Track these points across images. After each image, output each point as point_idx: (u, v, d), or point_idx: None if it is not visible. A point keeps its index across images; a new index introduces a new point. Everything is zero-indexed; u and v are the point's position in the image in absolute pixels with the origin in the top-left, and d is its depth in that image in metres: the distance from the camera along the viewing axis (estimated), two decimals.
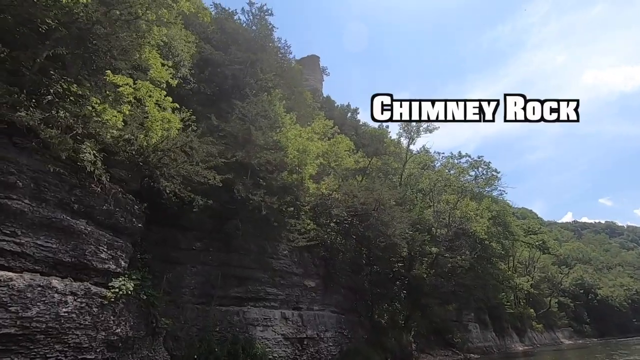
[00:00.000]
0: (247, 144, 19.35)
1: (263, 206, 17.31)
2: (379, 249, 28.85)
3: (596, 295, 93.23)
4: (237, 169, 18.26)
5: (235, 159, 17.22)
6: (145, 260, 14.28)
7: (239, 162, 17.96)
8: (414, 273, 28.80)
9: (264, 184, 19.02)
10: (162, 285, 14.69)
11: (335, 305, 24.33)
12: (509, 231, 40.59)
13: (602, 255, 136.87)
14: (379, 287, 32.87)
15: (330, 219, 23.90)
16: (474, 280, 35.54)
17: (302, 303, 21.35)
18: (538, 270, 65.53)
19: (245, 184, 17.50)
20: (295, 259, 21.40)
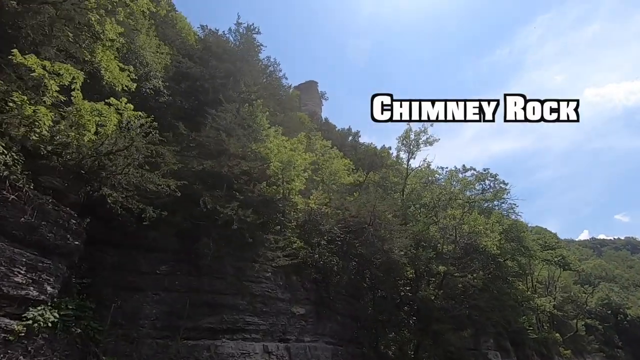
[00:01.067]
0: (221, 154, 17.48)
1: (235, 220, 15.11)
2: (379, 270, 26.06)
3: (626, 315, 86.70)
4: (208, 180, 16.27)
5: (203, 168, 15.27)
6: (86, 285, 12.00)
7: (209, 172, 15.99)
8: (420, 295, 25.76)
9: (240, 197, 16.92)
10: (109, 316, 12.32)
11: (331, 335, 21.39)
12: (523, 246, 37.36)
13: (626, 272, 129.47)
14: (384, 314, 29.73)
15: (321, 237, 21.48)
16: (490, 302, 32.13)
17: (289, 334, 18.57)
18: (560, 290, 60.83)
19: (215, 195, 15.42)
20: (281, 282, 18.85)
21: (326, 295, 21.10)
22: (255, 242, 16.18)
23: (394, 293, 30.15)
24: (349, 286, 26.35)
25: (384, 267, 28.12)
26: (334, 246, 23.21)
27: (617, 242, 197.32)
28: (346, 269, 26.34)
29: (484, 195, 42.81)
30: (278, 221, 19.25)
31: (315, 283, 21.12)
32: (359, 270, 28.37)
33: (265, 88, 29.18)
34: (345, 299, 25.14)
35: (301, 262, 20.84)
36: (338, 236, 21.96)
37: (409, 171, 39.64)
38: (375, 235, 21.89)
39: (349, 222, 22.03)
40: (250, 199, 17.46)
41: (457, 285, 28.47)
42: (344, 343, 22.53)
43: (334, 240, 22.34)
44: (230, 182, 16.65)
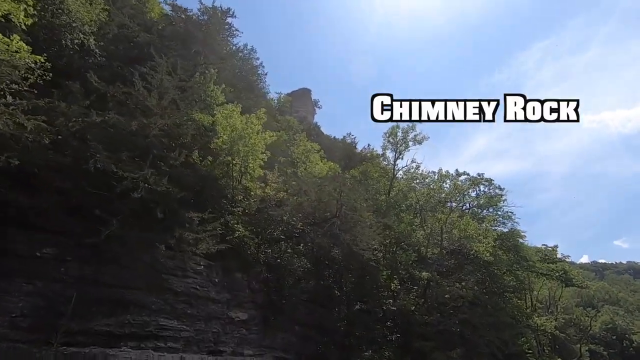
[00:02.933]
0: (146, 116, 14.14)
1: (141, 187, 11.62)
2: (352, 273, 22.32)
3: (632, 342, 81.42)
4: (117, 142, 12.84)
5: (104, 120, 11.89)
6: None
7: (118, 132, 12.59)
8: (399, 305, 21.84)
9: (165, 167, 13.48)
10: None
11: (284, 348, 17.49)
12: (521, 256, 33.57)
13: (630, 296, 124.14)
14: (361, 328, 25.73)
15: (275, 228, 17.89)
16: (483, 318, 28.05)
17: (223, 344, 14.74)
18: (562, 311, 56.35)
19: (120, 159, 11.96)
20: (216, 279, 15.15)
21: (277, 298, 17.30)
22: (168, 221, 12.60)
23: (376, 307, 26.17)
24: (318, 293, 22.61)
25: (357, 271, 24.38)
26: (294, 242, 19.58)
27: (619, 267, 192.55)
28: (314, 272, 22.73)
29: (478, 201, 39.32)
30: (218, 204, 15.74)
31: (266, 284, 17.38)
32: (333, 275, 24.61)
33: (230, 68, 26.21)
34: (309, 306, 21.31)
35: (250, 257, 17.27)
36: (297, 228, 18.36)
37: (396, 171, 36.27)
38: (341, 228, 18.28)
39: (312, 212, 18.47)
40: (178, 171, 14.04)
41: (444, 296, 24.56)
42: (301, 359, 18.58)
43: (292, 234, 18.73)
44: (146, 146, 13.24)
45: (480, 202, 38.05)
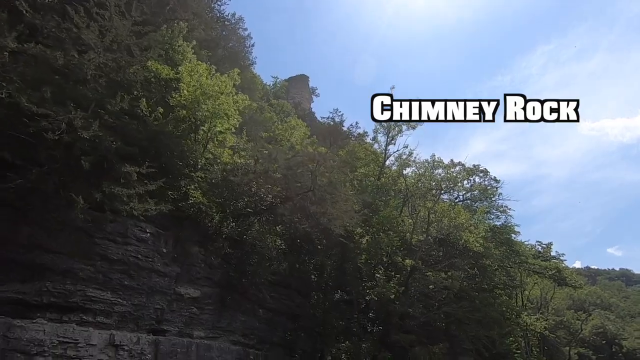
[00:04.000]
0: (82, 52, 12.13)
1: (63, 129, 9.67)
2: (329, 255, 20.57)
3: (621, 347, 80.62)
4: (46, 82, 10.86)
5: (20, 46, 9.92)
6: None
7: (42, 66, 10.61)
8: (376, 291, 20.06)
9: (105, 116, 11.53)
10: None
11: (244, 333, 15.69)
12: (513, 250, 31.90)
13: (622, 302, 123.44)
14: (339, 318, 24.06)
15: (237, 198, 16.00)
16: (470, 313, 26.38)
17: (168, 323, 12.92)
18: (552, 312, 54.97)
19: (43, 97, 9.99)
20: (164, 250, 13.28)
21: (238, 276, 15.43)
22: (98, 173, 10.64)
23: (359, 297, 24.38)
24: (293, 277, 20.86)
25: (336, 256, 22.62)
26: (264, 217, 17.70)
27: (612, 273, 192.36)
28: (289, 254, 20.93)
29: (472, 193, 37.55)
30: (172, 165, 13.82)
31: (227, 260, 15.53)
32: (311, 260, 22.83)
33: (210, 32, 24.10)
34: (281, 291, 19.57)
35: (211, 229, 15.42)
36: (266, 201, 16.48)
37: (387, 156, 34.36)
38: (313, 203, 16.41)
39: (284, 184, 16.57)
40: (122, 122, 12.09)
41: (428, 287, 22.82)
42: (265, 346, 16.82)
43: (260, 207, 16.84)
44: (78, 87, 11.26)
45: (473, 193, 36.31)
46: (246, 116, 19.42)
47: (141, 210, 11.04)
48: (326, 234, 21.02)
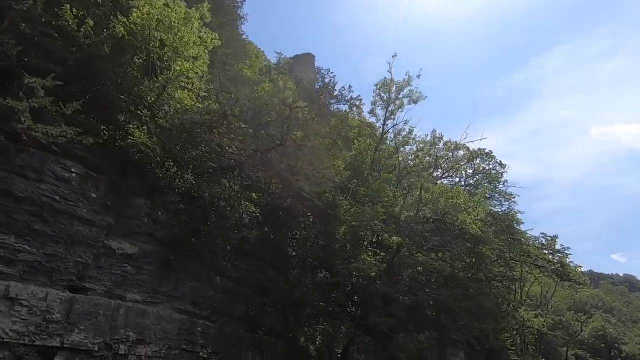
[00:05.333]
0: None
1: None
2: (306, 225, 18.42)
3: (620, 351, 78.35)
4: None
5: None
6: None
7: None
8: (354, 267, 17.86)
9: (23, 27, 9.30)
10: None
11: (194, 301, 13.62)
12: (514, 239, 29.49)
13: (624, 307, 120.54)
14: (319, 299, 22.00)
15: (197, 147, 13.77)
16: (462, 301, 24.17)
17: (93, 280, 10.86)
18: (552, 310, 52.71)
19: None
20: (94, 194, 11.12)
21: (186, 234, 13.26)
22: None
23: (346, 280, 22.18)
24: (266, 248, 18.78)
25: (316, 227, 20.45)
26: (228, 174, 15.49)
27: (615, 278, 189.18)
28: (263, 223, 18.87)
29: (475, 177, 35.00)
30: (106, 93, 11.58)
31: (177, 217, 13.38)
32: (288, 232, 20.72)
33: None
34: (250, 261, 17.50)
35: (161, 180, 13.27)
36: (229, 154, 14.23)
37: (385, 131, 31.80)
38: (284, 159, 14.12)
39: (253, 136, 14.29)
40: (52, 42, 9.84)
41: (416, 268, 20.59)
42: (222, 319, 14.78)
43: (223, 161, 14.61)
44: None
45: (476, 178, 33.78)
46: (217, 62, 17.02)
47: (43, 133, 8.80)
48: (303, 201, 18.90)
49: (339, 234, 17.25)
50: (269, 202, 19.85)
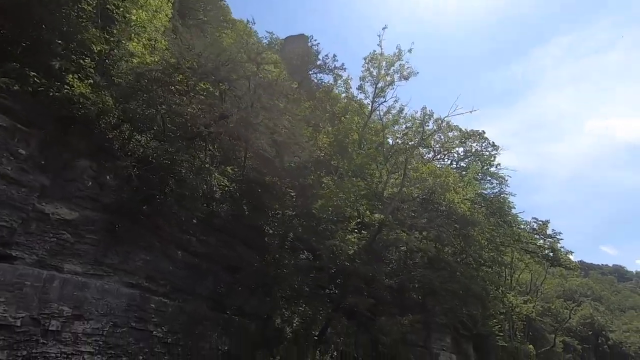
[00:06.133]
0: None
1: None
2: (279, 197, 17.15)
3: (607, 339, 79.22)
4: None
5: None
6: None
7: None
8: (331, 244, 16.68)
9: None
10: None
11: (149, 275, 12.33)
12: (505, 221, 28.52)
13: (613, 296, 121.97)
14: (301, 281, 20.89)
15: (151, 106, 12.31)
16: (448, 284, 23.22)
17: (21, 247, 9.46)
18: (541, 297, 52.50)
19: None
20: (23, 150, 9.70)
21: (138, 201, 11.91)
22: None
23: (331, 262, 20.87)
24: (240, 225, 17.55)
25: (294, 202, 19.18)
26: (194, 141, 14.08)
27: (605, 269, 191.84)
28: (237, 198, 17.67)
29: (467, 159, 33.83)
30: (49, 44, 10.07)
31: (129, 183, 12.00)
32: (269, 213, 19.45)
33: None
34: (220, 236, 16.27)
35: (110, 142, 11.86)
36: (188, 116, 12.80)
37: (373, 110, 30.36)
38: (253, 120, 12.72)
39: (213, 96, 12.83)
40: None
41: (400, 248, 19.49)
42: (182, 296, 13.56)
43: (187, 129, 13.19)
44: None
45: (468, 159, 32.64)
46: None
47: None
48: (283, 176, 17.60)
49: (316, 209, 15.96)
50: (245, 177, 18.60)
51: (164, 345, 12.10)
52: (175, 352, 12.44)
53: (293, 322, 20.01)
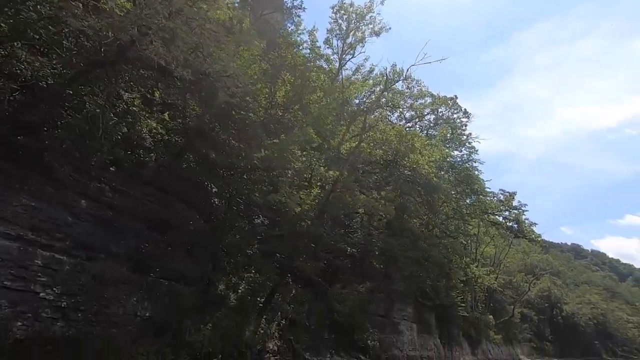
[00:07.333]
0: None
1: None
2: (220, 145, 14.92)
3: (561, 310, 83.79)
4: None
5: None
6: None
7: None
8: (272, 198, 14.75)
9: None
10: None
11: (33, 227, 9.98)
12: (472, 190, 27.62)
13: (569, 271, 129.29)
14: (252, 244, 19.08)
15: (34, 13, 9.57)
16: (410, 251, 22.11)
17: None
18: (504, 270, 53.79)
19: None
20: None
21: (17, 133, 9.40)
22: None
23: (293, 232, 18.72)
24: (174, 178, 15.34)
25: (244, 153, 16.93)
26: (110, 70, 11.45)
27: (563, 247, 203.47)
28: (168, 144, 15.47)
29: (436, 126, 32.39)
30: None
31: (13, 106, 9.40)
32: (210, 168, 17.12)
33: None
34: (146, 190, 14.00)
35: None
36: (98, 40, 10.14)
37: (341, 67, 28.04)
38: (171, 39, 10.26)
39: None
40: None
41: (357, 210, 17.86)
42: (89, 254, 11.34)
43: (90, 48, 10.52)
44: None
45: (438, 125, 31.19)
46: None
47: None
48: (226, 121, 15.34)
49: (259, 159, 13.87)
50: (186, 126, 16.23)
51: (55, 310, 9.95)
52: (73, 318, 10.35)
53: (239, 289, 18.29)
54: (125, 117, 13.91)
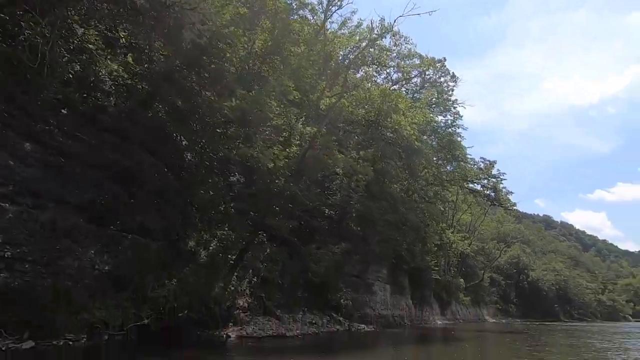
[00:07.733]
0: None
1: None
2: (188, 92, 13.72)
3: (527, 276, 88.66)
4: None
5: None
6: None
7: None
8: (243, 153, 13.91)
9: None
10: None
11: None
12: (453, 156, 27.43)
13: (539, 240, 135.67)
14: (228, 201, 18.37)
15: None
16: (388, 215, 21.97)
17: None
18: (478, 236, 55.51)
19: None
20: None
21: None
22: None
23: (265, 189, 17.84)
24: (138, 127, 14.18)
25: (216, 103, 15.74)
26: None
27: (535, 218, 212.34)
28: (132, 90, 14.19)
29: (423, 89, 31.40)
30: None
31: None
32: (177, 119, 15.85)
33: None
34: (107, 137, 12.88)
35: None
36: None
37: (326, 19, 26.21)
38: None
39: None
40: None
41: (337, 171, 17.25)
42: (37, 201, 10.40)
43: None
44: None
45: (424, 89, 30.24)
46: None
47: None
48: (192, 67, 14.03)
49: (229, 108, 12.78)
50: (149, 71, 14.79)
51: None
52: (19, 269, 9.58)
53: (210, 246, 17.80)
54: (78, 55, 12.48)
